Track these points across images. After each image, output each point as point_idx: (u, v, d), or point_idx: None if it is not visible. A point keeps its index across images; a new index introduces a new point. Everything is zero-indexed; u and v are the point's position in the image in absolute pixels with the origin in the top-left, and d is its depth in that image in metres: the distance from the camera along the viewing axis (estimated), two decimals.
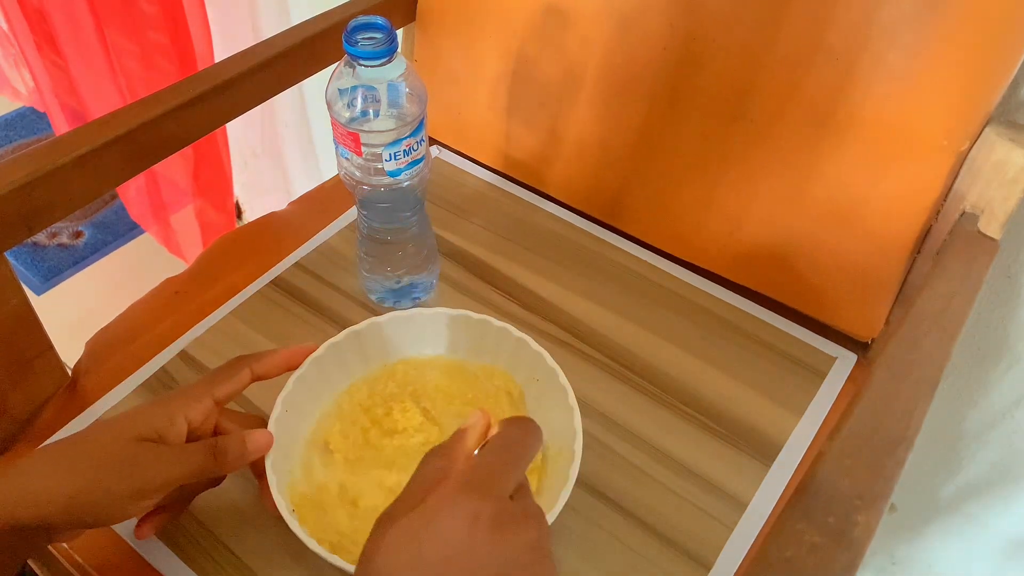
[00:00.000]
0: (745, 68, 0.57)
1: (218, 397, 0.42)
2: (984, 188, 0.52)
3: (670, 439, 0.54)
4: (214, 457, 0.40)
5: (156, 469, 0.38)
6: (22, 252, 1.55)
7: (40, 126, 1.85)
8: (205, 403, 0.41)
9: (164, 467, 0.38)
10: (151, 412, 0.39)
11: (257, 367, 0.45)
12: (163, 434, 0.39)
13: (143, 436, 0.38)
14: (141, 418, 0.39)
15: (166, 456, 0.39)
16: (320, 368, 0.49)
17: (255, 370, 0.44)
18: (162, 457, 0.38)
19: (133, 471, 0.37)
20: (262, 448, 0.43)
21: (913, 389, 0.41)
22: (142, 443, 0.38)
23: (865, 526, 0.35)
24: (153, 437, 0.39)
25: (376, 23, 0.48)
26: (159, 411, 0.39)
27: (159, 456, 0.38)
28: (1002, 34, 0.49)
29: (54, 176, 0.50)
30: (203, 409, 0.41)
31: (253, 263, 0.65)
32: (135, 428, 0.38)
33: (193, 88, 0.57)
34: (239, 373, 0.43)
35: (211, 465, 0.40)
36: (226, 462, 0.41)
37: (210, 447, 0.41)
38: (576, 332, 0.61)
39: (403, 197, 0.55)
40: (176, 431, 0.40)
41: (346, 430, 0.50)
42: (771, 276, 0.62)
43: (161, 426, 0.39)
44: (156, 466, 0.38)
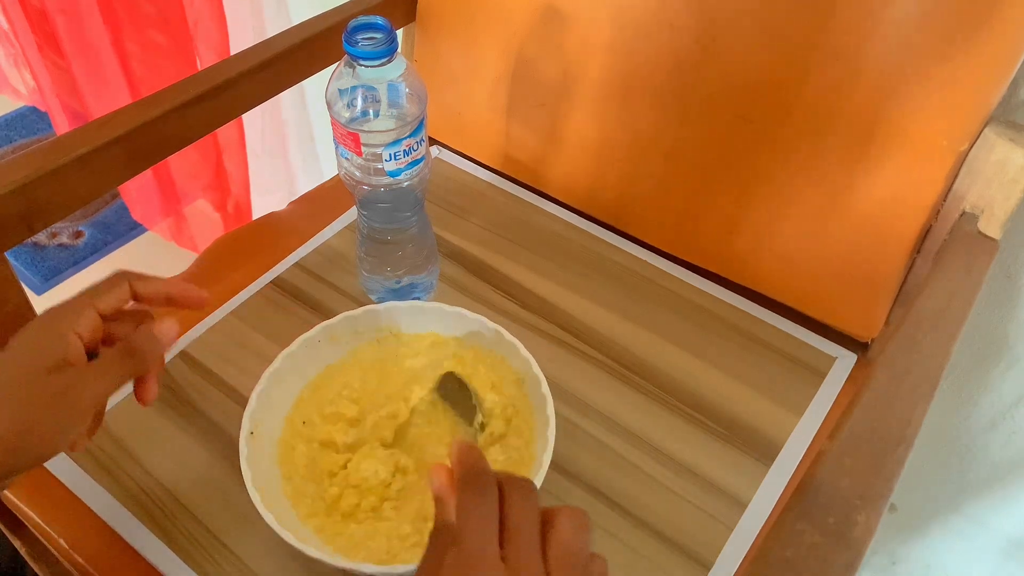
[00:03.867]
0: (745, 68, 0.57)
1: (100, 308, 0.40)
2: (984, 188, 0.52)
3: (670, 439, 0.54)
4: (130, 358, 0.39)
5: (81, 394, 0.37)
6: (22, 252, 1.55)
7: (40, 126, 1.85)
8: (89, 315, 0.39)
9: (88, 389, 0.37)
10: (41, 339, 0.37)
11: (137, 284, 0.42)
12: (65, 357, 0.37)
13: (50, 366, 0.36)
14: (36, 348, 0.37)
15: (84, 378, 0.37)
16: (293, 360, 0.51)
17: (135, 286, 0.42)
18: (81, 380, 0.37)
19: (60, 404, 0.36)
20: (172, 336, 0.41)
21: (913, 389, 0.41)
22: (56, 373, 0.36)
23: (865, 526, 0.35)
24: (58, 364, 0.37)
25: (376, 23, 0.48)
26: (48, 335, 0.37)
27: (78, 380, 0.37)
28: (1002, 34, 0.49)
29: (54, 176, 0.50)
30: (88, 322, 0.39)
31: (253, 263, 0.65)
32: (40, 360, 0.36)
33: (193, 88, 0.57)
34: (119, 286, 0.41)
35: (130, 368, 0.39)
36: (144, 360, 0.40)
37: (122, 350, 0.39)
38: (576, 332, 0.61)
39: (403, 197, 0.55)
40: (75, 349, 0.38)
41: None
42: (771, 276, 0.62)
43: (59, 349, 0.37)
44: (80, 391, 0.37)
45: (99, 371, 0.38)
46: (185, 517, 0.48)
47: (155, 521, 0.48)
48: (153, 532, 0.48)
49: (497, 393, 0.51)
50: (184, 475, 0.50)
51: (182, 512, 0.49)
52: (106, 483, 0.50)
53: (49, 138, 0.53)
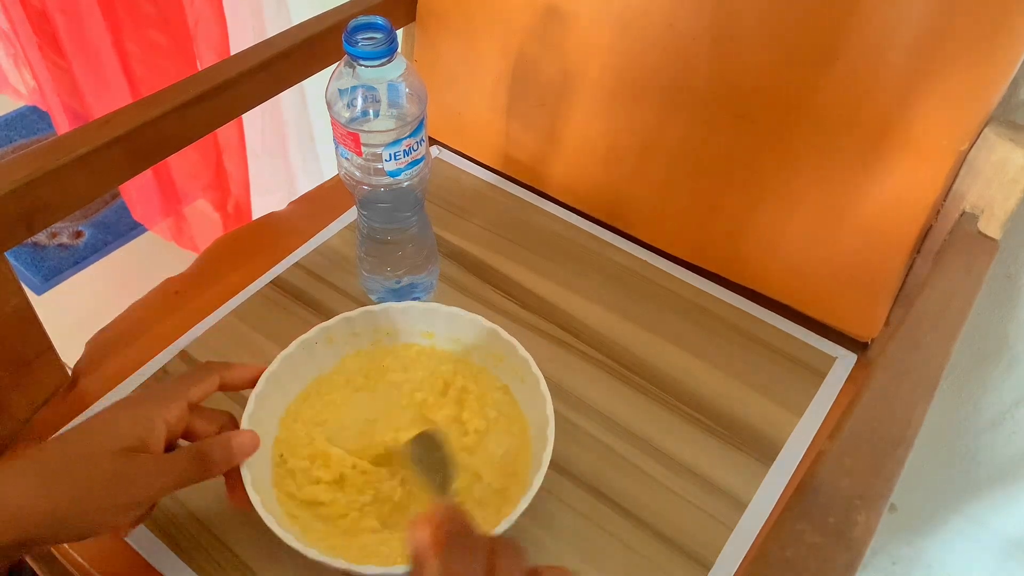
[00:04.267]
0: (746, 68, 0.57)
1: (191, 399, 0.42)
2: (984, 188, 0.52)
3: (670, 439, 0.54)
4: (200, 463, 0.40)
5: (144, 482, 0.38)
6: (22, 252, 1.55)
7: (40, 126, 1.85)
8: (180, 405, 0.41)
9: (151, 480, 0.38)
10: (130, 418, 0.39)
11: (227, 375, 0.45)
12: (144, 440, 0.38)
13: (126, 446, 0.37)
14: (122, 426, 0.38)
15: (152, 467, 0.38)
16: (291, 363, 0.50)
17: (224, 377, 0.44)
18: (148, 469, 0.38)
19: (120, 486, 0.37)
20: (247, 450, 0.43)
21: (913, 389, 0.41)
22: (126, 455, 0.37)
23: (865, 526, 0.35)
24: (136, 445, 0.38)
25: (376, 23, 0.48)
26: (138, 417, 0.39)
27: (145, 468, 0.38)
28: (1002, 34, 0.49)
29: (55, 176, 0.50)
30: (178, 412, 0.41)
31: (253, 263, 0.65)
32: (118, 439, 0.37)
33: (193, 88, 0.57)
34: (210, 377, 0.43)
35: (197, 472, 0.40)
36: (212, 467, 0.41)
37: (195, 454, 0.40)
38: (576, 332, 0.61)
39: (403, 197, 0.55)
40: (156, 436, 0.39)
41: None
42: (771, 276, 0.62)
43: (143, 433, 0.38)
44: (143, 479, 0.38)
45: (168, 466, 0.39)
46: (185, 517, 0.48)
47: (155, 522, 0.48)
48: (153, 533, 0.48)
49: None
50: None
51: (182, 512, 0.49)
52: None
53: (49, 138, 0.53)
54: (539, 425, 0.48)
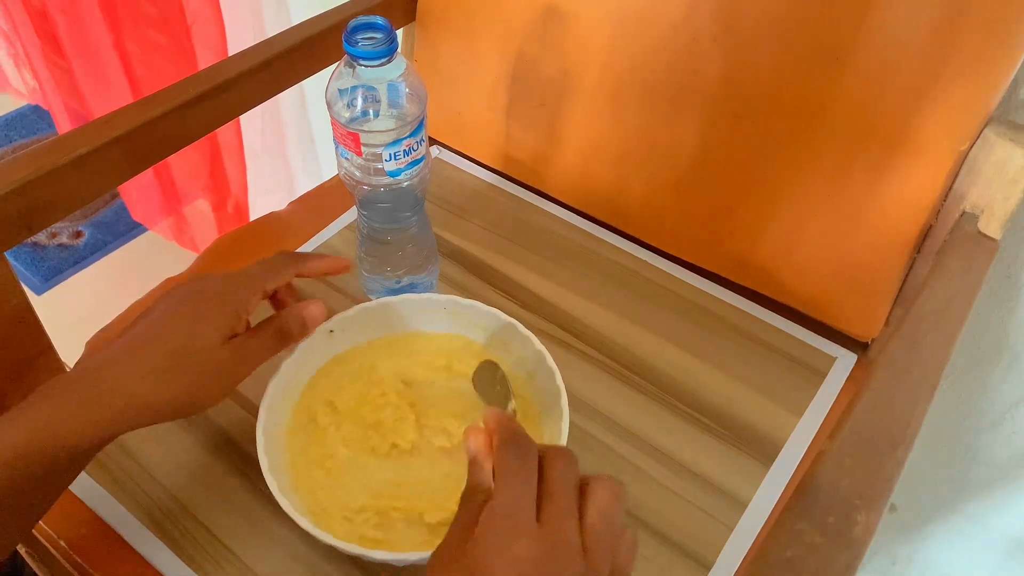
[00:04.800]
0: (746, 68, 0.57)
1: (268, 290, 0.46)
2: (984, 188, 0.52)
3: (670, 439, 0.54)
4: (282, 336, 0.46)
5: (243, 365, 0.44)
6: (22, 252, 1.55)
7: (40, 126, 1.85)
8: (259, 297, 0.46)
9: (248, 361, 0.44)
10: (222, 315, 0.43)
11: (303, 268, 0.49)
12: (235, 329, 0.43)
13: (224, 336, 0.42)
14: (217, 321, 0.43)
15: (246, 350, 0.44)
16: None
17: (300, 271, 0.48)
18: (245, 353, 0.43)
19: (225, 373, 0.43)
20: (317, 319, 0.48)
21: (913, 389, 0.41)
22: (226, 346, 0.42)
23: (865, 526, 0.35)
24: (229, 334, 0.43)
25: (376, 23, 0.48)
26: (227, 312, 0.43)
27: (242, 353, 0.43)
28: (1002, 34, 0.49)
29: (54, 176, 0.50)
30: (258, 301, 0.46)
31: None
32: (216, 332, 0.42)
33: (193, 88, 0.57)
34: (286, 271, 0.47)
35: (281, 344, 0.46)
36: (292, 338, 0.46)
37: (276, 330, 0.45)
38: (576, 332, 0.61)
39: (403, 197, 0.55)
40: (243, 323, 0.44)
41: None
42: (771, 276, 0.62)
43: (234, 323, 0.43)
44: (242, 363, 0.43)
45: (257, 345, 0.44)
46: (185, 518, 0.48)
47: (155, 522, 0.48)
48: (153, 533, 0.48)
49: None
50: (184, 475, 0.50)
51: (182, 513, 0.49)
52: (106, 484, 0.50)
53: (49, 138, 0.53)
54: (551, 419, 0.48)
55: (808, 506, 0.36)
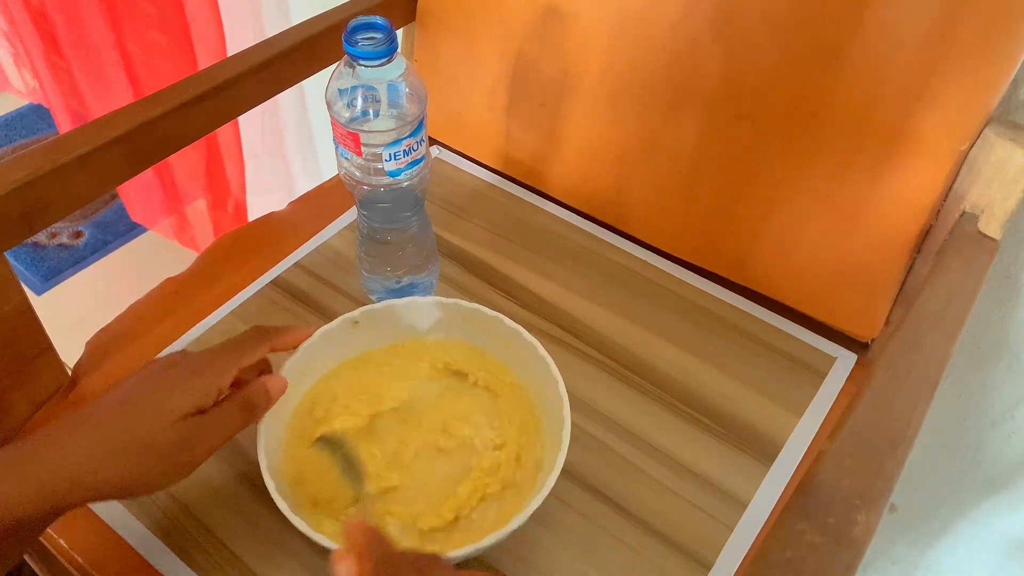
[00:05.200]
0: (745, 68, 0.57)
1: (242, 367, 0.45)
2: (984, 188, 0.52)
3: (670, 439, 0.54)
4: (247, 412, 0.44)
5: (205, 443, 0.42)
6: (22, 252, 1.55)
7: (41, 126, 1.85)
8: (232, 374, 0.44)
9: (209, 439, 0.42)
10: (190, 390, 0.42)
11: (277, 342, 0.48)
12: (201, 407, 0.42)
13: (187, 414, 0.41)
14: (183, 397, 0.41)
15: (209, 428, 0.42)
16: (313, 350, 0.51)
17: (274, 344, 0.47)
18: (207, 430, 0.42)
19: (182, 452, 0.41)
20: (280, 393, 0.47)
21: (913, 389, 0.41)
22: (188, 421, 0.41)
23: (865, 526, 0.35)
24: (194, 412, 0.42)
25: (376, 23, 0.48)
26: (197, 388, 0.42)
27: (205, 430, 0.42)
28: (1002, 34, 0.49)
29: (55, 176, 0.50)
30: (231, 379, 0.44)
31: (253, 263, 0.65)
32: (180, 409, 0.41)
33: (193, 88, 0.57)
34: (261, 347, 0.46)
35: (246, 420, 0.44)
36: (257, 412, 0.45)
37: (240, 405, 0.44)
38: (576, 332, 0.61)
39: (403, 197, 0.55)
40: (211, 401, 0.43)
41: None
42: (771, 276, 0.62)
43: (201, 402, 0.42)
44: (204, 441, 0.42)
45: (222, 422, 0.43)
46: (185, 518, 0.48)
47: (158, 525, 0.48)
48: (156, 536, 0.48)
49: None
50: (188, 478, 0.50)
51: (183, 513, 0.49)
52: None
53: (50, 138, 0.53)
54: (552, 426, 0.48)
55: (808, 506, 0.36)
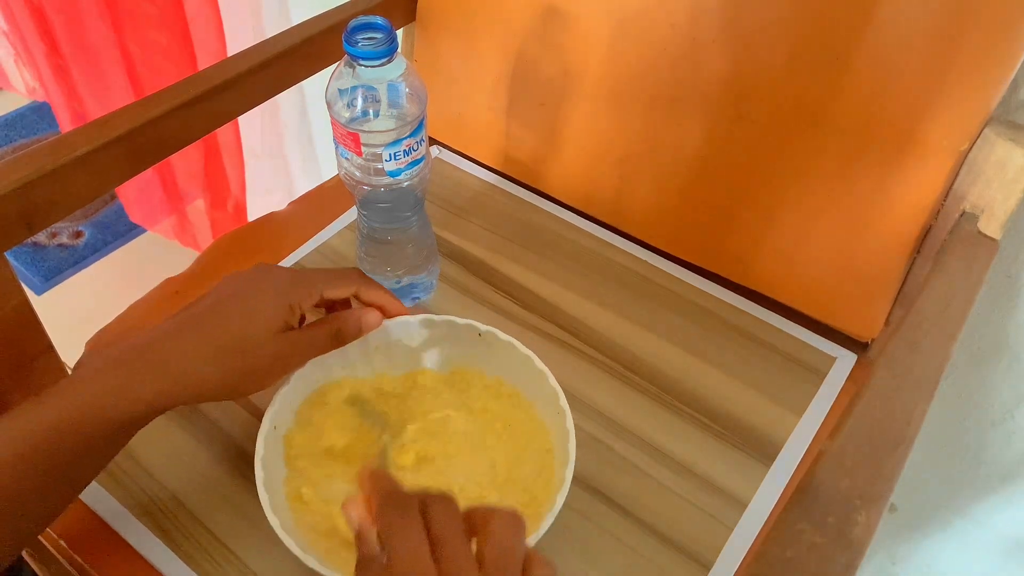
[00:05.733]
0: (746, 69, 0.57)
1: (327, 296, 0.47)
2: (984, 188, 0.52)
3: (670, 439, 0.54)
4: (336, 337, 0.47)
5: (296, 357, 0.45)
6: (22, 252, 1.55)
7: (41, 126, 1.85)
8: (316, 299, 0.47)
9: (300, 354, 0.46)
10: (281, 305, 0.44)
11: (363, 292, 0.49)
12: (290, 323, 0.45)
13: (280, 327, 0.44)
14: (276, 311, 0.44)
15: (300, 344, 0.45)
16: (319, 365, 0.50)
17: (360, 292, 0.49)
18: (298, 346, 0.45)
19: (279, 362, 0.44)
20: (374, 326, 0.48)
21: (913, 389, 0.41)
22: (283, 336, 0.44)
23: (865, 526, 0.35)
24: (284, 327, 0.44)
25: (376, 23, 0.48)
26: (286, 304, 0.44)
27: (296, 346, 0.45)
28: (1002, 34, 0.49)
29: (54, 176, 0.50)
30: (314, 303, 0.47)
31: (253, 263, 0.65)
32: (273, 324, 0.44)
33: (193, 88, 0.57)
34: (347, 288, 0.48)
35: (334, 344, 0.47)
36: (345, 340, 0.47)
37: (332, 330, 0.46)
38: (576, 332, 0.61)
39: (403, 197, 0.55)
40: (296, 319, 0.46)
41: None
42: (771, 276, 0.62)
43: (289, 318, 0.45)
44: (296, 355, 0.45)
45: (310, 341, 0.46)
46: (186, 518, 0.48)
47: (155, 522, 0.48)
48: (154, 533, 0.48)
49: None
50: (185, 476, 0.50)
51: (183, 513, 0.49)
52: (106, 484, 0.50)
53: (50, 138, 0.53)
54: (559, 439, 0.48)
55: (808, 506, 0.36)
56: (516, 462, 0.49)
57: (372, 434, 0.50)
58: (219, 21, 1.03)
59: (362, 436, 0.50)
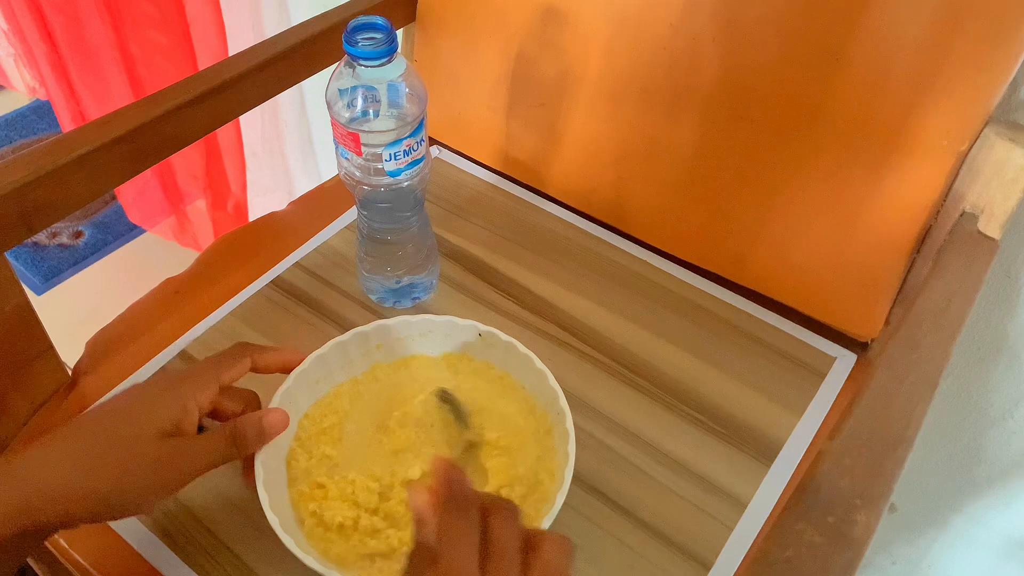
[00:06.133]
0: (745, 69, 0.57)
1: (223, 383, 0.43)
2: (984, 188, 0.52)
3: (670, 439, 0.54)
4: (234, 444, 0.42)
5: (183, 466, 0.39)
6: (22, 252, 1.55)
7: (41, 126, 1.85)
8: (213, 389, 0.42)
9: (189, 463, 0.40)
10: (166, 402, 0.40)
11: (258, 358, 0.45)
12: (180, 424, 0.40)
13: (164, 430, 0.39)
14: (159, 410, 0.39)
15: (189, 451, 0.40)
16: (321, 364, 0.50)
17: (256, 361, 0.45)
18: (187, 453, 0.39)
19: (160, 471, 0.38)
20: (278, 428, 0.44)
21: (913, 389, 0.41)
22: (166, 440, 0.39)
23: (865, 526, 0.35)
24: (172, 429, 0.39)
25: (376, 23, 0.48)
26: (174, 401, 0.40)
27: (183, 453, 0.39)
28: (1002, 34, 0.49)
29: (54, 176, 0.50)
30: (211, 395, 0.42)
31: (253, 263, 0.65)
32: (156, 423, 0.39)
33: (193, 88, 0.57)
34: (242, 361, 0.44)
35: (232, 452, 0.42)
36: (246, 446, 0.42)
37: (229, 435, 0.42)
38: (576, 332, 0.61)
39: (403, 197, 0.55)
40: (190, 420, 0.40)
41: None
42: (771, 276, 0.62)
43: (177, 417, 0.40)
44: (183, 463, 0.39)
45: (204, 448, 0.40)
46: (186, 518, 0.48)
47: (157, 524, 0.48)
48: (154, 533, 0.48)
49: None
50: None
51: (183, 513, 0.49)
52: None
53: (51, 138, 0.53)
54: (557, 422, 0.48)
55: (808, 506, 0.36)
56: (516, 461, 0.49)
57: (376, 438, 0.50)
58: (220, 21, 1.03)
59: (367, 440, 0.50)
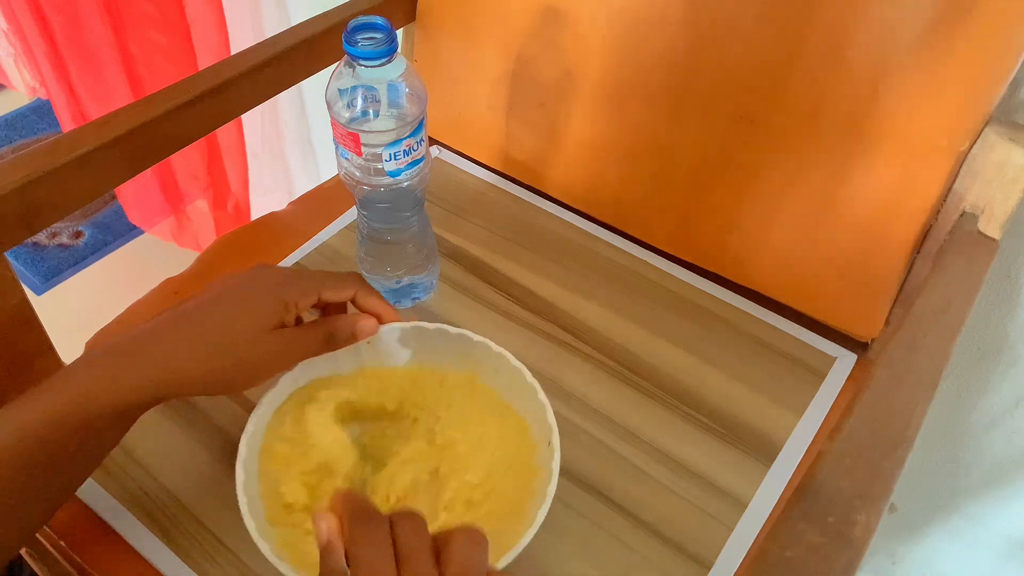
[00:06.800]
0: (745, 68, 0.57)
1: (323, 299, 0.47)
2: (984, 188, 0.52)
3: (670, 439, 0.54)
4: (329, 340, 0.46)
5: (287, 357, 0.45)
6: (22, 252, 1.55)
7: (41, 126, 1.85)
8: (313, 299, 0.46)
9: (292, 353, 0.45)
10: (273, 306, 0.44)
11: (360, 299, 0.48)
12: (284, 321, 0.45)
13: (274, 325, 0.44)
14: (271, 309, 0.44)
15: (293, 344, 0.45)
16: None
17: (357, 298, 0.48)
18: (291, 345, 0.45)
19: (270, 362, 0.44)
20: (368, 334, 0.48)
21: (913, 389, 0.41)
22: (276, 334, 0.44)
23: (865, 526, 0.35)
24: (279, 324, 0.44)
25: (376, 23, 0.48)
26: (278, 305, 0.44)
27: (288, 345, 0.44)
28: (1002, 34, 0.49)
29: (54, 176, 0.50)
30: (310, 303, 0.46)
31: (253, 263, 0.65)
32: (269, 319, 0.43)
33: (193, 88, 0.57)
34: (346, 291, 0.48)
35: (326, 347, 0.46)
36: (338, 343, 0.47)
37: (326, 332, 0.46)
38: (576, 332, 0.61)
39: (403, 197, 0.55)
40: (291, 318, 0.45)
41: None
42: (771, 276, 0.62)
43: (285, 316, 0.44)
44: (287, 355, 0.45)
45: (303, 341, 0.45)
46: (185, 517, 0.48)
47: (155, 521, 0.48)
48: (152, 531, 0.48)
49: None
50: (184, 475, 0.50)
51: (182, 512, 0.49)
52: (106, 483, 0.50)
53: (51, 138, 0.54)
54: (542, 432, 0.47)
55: (808, 506, 0.36)
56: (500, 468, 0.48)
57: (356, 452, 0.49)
58: (221, 21, 1.03)
59: (346, 450, 0.49)
